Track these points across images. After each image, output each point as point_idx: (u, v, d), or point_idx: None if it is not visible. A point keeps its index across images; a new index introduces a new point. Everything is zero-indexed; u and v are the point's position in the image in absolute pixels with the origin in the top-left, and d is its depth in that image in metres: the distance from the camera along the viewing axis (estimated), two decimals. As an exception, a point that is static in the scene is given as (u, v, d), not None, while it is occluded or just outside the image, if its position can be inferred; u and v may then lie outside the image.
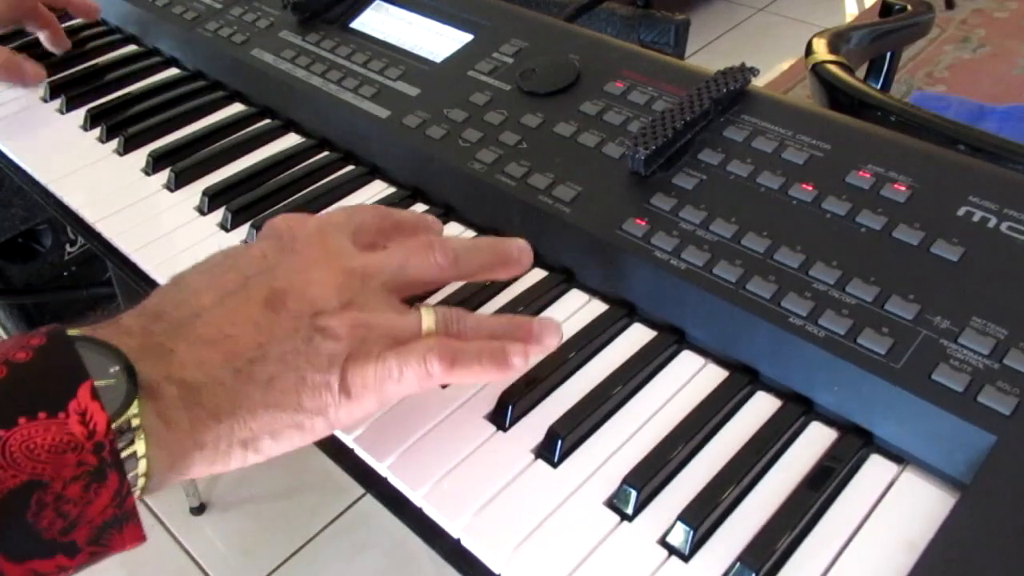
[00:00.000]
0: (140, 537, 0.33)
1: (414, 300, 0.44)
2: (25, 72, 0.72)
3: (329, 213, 0.44)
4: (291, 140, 0.67)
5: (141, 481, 0.33)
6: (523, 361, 0.39)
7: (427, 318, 0.40)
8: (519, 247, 0.45)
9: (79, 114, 0.72)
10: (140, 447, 0.32)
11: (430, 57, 0.65)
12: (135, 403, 0.32)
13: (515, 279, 0.49)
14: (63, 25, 0.83)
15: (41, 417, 0.30)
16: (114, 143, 0.68)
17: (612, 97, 0.57)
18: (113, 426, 0.31)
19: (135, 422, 0.32)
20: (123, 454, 0.31)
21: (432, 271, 0.42)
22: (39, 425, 0.30)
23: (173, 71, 0.78)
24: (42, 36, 0.77)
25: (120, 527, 0.32)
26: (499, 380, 0.40)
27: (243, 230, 0.57)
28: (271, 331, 0.36)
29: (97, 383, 0.31)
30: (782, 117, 0.52)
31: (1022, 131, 1.44)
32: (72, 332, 0.33)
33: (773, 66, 2.15)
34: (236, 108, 0.71)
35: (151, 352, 0.34)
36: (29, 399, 0.30)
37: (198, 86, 0.74)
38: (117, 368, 0.33)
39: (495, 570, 0.37)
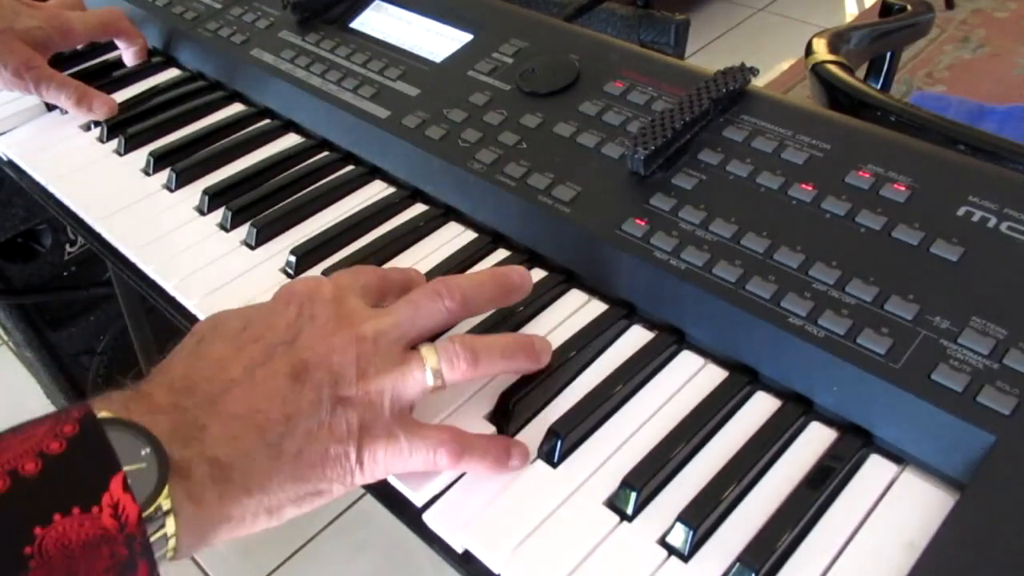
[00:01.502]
0: None
1: None
2: (93, 103, 0.70)
3: (337, 275, 0.44)
4: (291, 140, 0.67)
5: (169, 555, 0.33)
6: (521, 464, 0.41)
7: (430, 359, 0.40)
8: (520, 274, 0.45)
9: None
10: (170, 528, 0.33)
11: (430, 57, 0.65)
12: (165, 489, 0.33)
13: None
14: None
15: (75, 513, 0.30)
16: (114, 143, 0.68)
17: (612, 97, 0.57)
18: (144, 515, 0.31)
19: (165, 506, 0.32)
20: (153, 538, 0.32)
21: (442, 317, 0.42)
22: (73, 521, 0.30)
23: (173, 71, 0.78)
24: (128, 53, 0.76)
25: None
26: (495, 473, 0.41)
27: (243, 230, 0.57)
28: (297, 404, 0.37)
29: (128, 468, 0.32)
30: (782, 117, 0.52)
31: (1022, 131, 1.44)
32: (103, 415, 0.33)
33: (773, 66, 2.15)
34: (236, 108, 0.71)
35: (183, 431, 0.35)
36: (63, 495, 0.30)
37: (198, 86, 0.74)
38: (148, 451, 0.33)
39: (495, 570, 0.37)
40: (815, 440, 0.41)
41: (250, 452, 0.36)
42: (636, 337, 0.47)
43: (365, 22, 0.71)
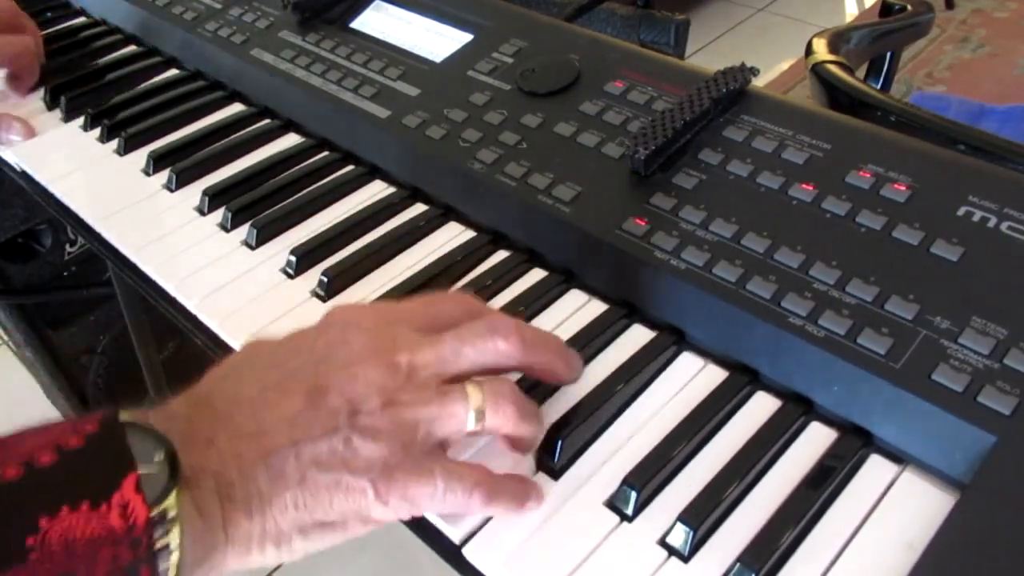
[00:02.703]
0: None
1: None
2: (12, 127, 0.69)
3: (402, 303, 0.42)
4: (291, 140, 0.67)
5: (172, 572, 0.32)
6: (537, 506, 0.39)
7: (475, 398, 0.38)
8: (577, 359, 0.42)
9: (79, 115, 0.72)
10: (174, 539, 0.32)
11: (430, 57, 0.65)
12: (173, 494, 0.32)
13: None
14: (62, 26, 0.83)
15: (83, 508, 0.30)
16: (114, 143, 0.68)
17: (612, 97, 0.57)
18: (152, 514, 0.31)
19: (171, 513, 0.32)
20: (156, 546, 0.31)
21: (491, 357, 0.39)
22: (80, 516, 0.29)
23: (173, 71, 0.78)
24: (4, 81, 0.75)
25: None
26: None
27: (243, 230, 0.57)
28: (307, 429, 0.35)
29: (142, 471, 0.31)
30: (782, 117, 0.52)
31: (1022, 131, 1.44)
32: (124, 417, 0.33)
33: (773, 66, 2.15)
34: (236, 108, 0.71)
35: (193, 441, 0.34)
36: (74, 488, 0.30)
37: (198, 86, 0.74)
38: (161, 456, 0.32)
39: (495, 570, 0.37)
40: (815, 440, 0.41)
41: (251, 472, 0.35)
42: (636, 337, 0.47)
43: (365, 22, 0.71)
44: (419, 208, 0.58)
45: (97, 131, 0.70)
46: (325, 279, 0.52)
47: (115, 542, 0.30)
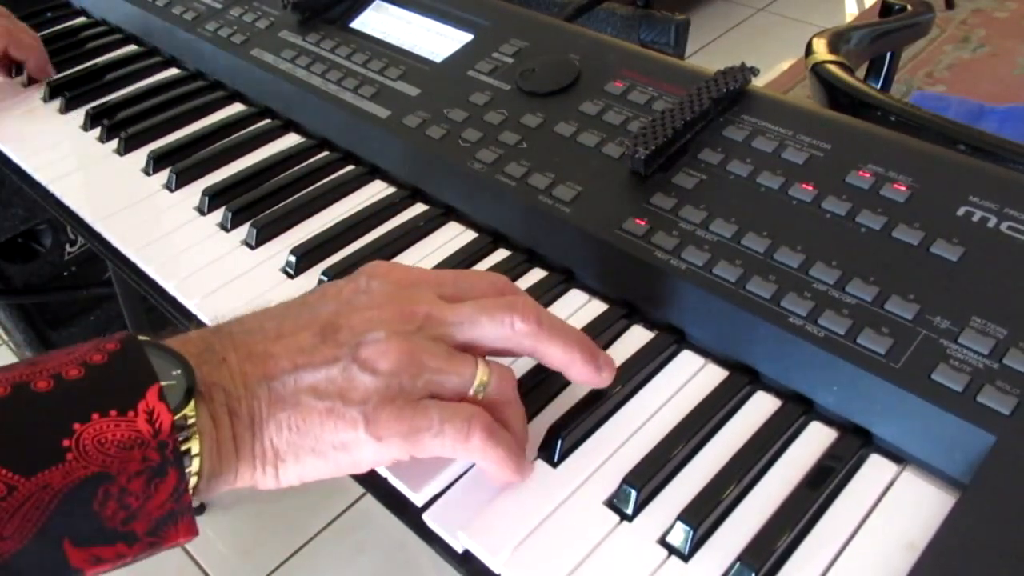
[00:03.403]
0: (194, 531, 0.34)
1: None
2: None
3: (435, 271, 0.43)
4: (291, 140, 0.67)
5: (194, 480, 0.34)
6: (525, 477, 0.39)
7: (482, 371, 0.38)
8: (607, 359, 0.41)
9: (79, 114, 0.72)
10: (195, 445, 0.34)
11: (430, 57, 0.65)
12: (192, 402, 0.34)
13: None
14: (62, 26, 0.83)
15: (112, 414, 0.32)
16: (114, 143, 0.68)
17: (612, 97, 0.57)
18: (175, 419, 0.33)
19: (191, 420, 0.34)
20: (181, 448, 0.33)
21: (505, 334, 0.39)
22: (110, 422, 0.32)
23: (173, 71, 0.78)
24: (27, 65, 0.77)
25: (175, 521, 0.33)
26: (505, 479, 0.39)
27: (243, 230, 0.57)
28: (311, 356, 0.37)
29: (163, 383, 0.33)
30: (782, 117, 0.52)
31: (1022, 131, 1.44)
32: (143, 338, 0.35)
33: (773, 66, 2.15)
34: (236, 108, 0.71)
35: (207, 359, 0.36)
36: (102, 397, 0.32)
37: (198, 86, 0.74)
38: (179, 371, 0.35)
39: (495, 570, 0.37)
40: (815, 440, 0.41)
41: (253, 391, 0.36)
42: (636, 337, 0.47)
43: (365, 22, 0.71)
44: (419, 208, 0.58)
45: (97, 131, 0.70)
46: (325, 279, 0.52)
47: (144, 444, 0.32)
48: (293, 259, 0.54)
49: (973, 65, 2.07)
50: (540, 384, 0.44)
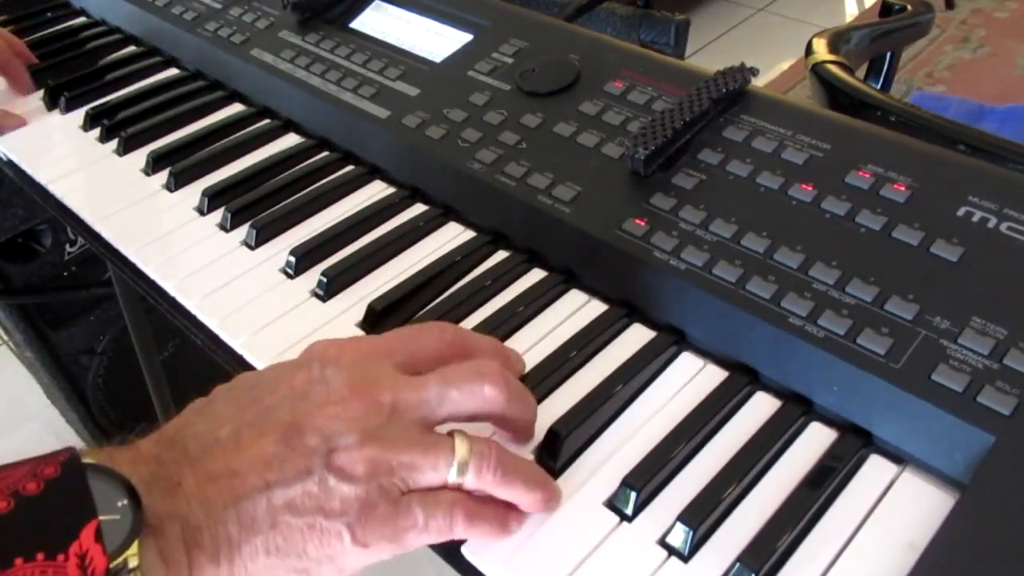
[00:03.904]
0: None
1: None
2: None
3: (383, 336, 0.40)
4: (291, 140, 0.67)
5: None
6: (518, 529, 0.38)
7: (461, 449, 0.36)
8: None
9: (79, 114, 0.72)
10: None
11: (430, 57, 0.65)
12: (135, 543, 0.30)
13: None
14: (62, 26, 0.83)
15: (39, 559, 0.28)
16: (114, 143, 0.68)
17: (612, 97, 0.57)
18: (111, 565, 0.29)
19: (133, 562, 0.30)
20: None
21: (476, 403, 0.38)
22: (35, 568, 0.28)
23: (173, 71, 0.78)
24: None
25: None
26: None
27: (242, 230, 0.57)
28: (281, 470, 0.34)
29: (103, 518, 0.30)
30: (782, 117, 0.52)
31: (1022, 131, 1.44)
32: (88, 460, 0.32)
33: (773, 66, 2.15)
34: (236, 108, 0.71)
35: (160, 485, 0.33)
36: (30, 538, 0.29)
37: (198, 86, 0.74)
38: (125, 502, 0.31)
39: (495, 570, 0.37)
40: (815, 440, 0.41)
41: (220, 517, 0.33)
42: (636, 337, 0.47)
43: (365, 22, 0.71)
44: (419, 208, 0.58)
45: (97, 131, 0.70)
46: (325, 279, 0.52)
47: None
48: (293, 259, 0.54)
49: (973, 65, 2.07)
50: (538, 386, 0.44)
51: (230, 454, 0.34)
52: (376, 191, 0.60)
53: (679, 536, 0.37)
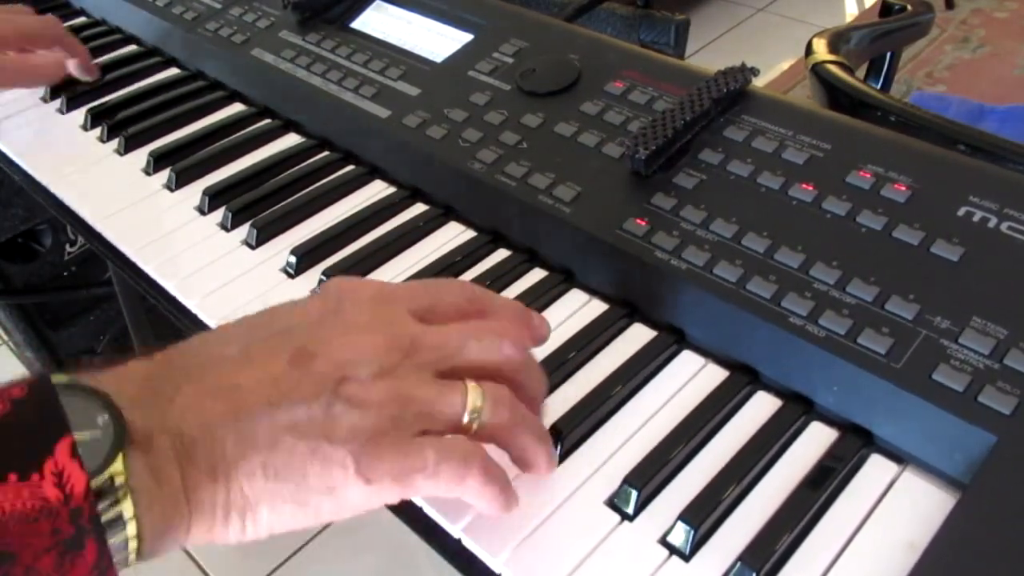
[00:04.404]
0: None
1: None
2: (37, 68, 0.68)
3: (404, 284, 0.39)
4: (291, 140, 0.67)
5: (133, 545, 0.29)
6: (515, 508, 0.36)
7: (474, 395, 0.35)
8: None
9: (79, 114, 0.72)
10: (127, 508, 0.28)
11: (430, 57, 0.65)
12: (119, 458, 0.28)
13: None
14: (66, 24, 0.83)
15: (11, 480, 0.26)
16: (114, 143, 0.68)
17: (612, 97, 0.57)
18: (93, 484, 0.27)
19: (119, 480, 0.28)
20: (106, 517, 0.28)
21: (493, 357, 0.36)
22: (8, 489, 0.26)
23: (173, 71, 0.78)
24: (71, 64, 0.74)
25: None
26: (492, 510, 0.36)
27: (243, 230, 0.57)
28: (287, 390, 0.32)
29: (80, 436, 0.28)
30: (782, 117, 0.52)
31: (1022, 131, 1.44)
32: (59, 379, 0.29)
33: (773, 66, 2.14)
34: (236, 108, 0.71)
35: (149, 399, 0.31)
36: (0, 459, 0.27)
37: (198, 86, 0.74)
38: (106, 417, 0.29)
39: (495, 570, 0.37)
40: (816, 440, 0.41)
41: (216, 430, 0.31)
42: (636, 337, 0.47)
43: (365, 22, 0.71)
44: (419, 208, 0.58)
45: (97, 131, 0.69)
46: (325, 279, 0.52)
47: (51, 514, 0.27)
48: (293, 259, 0.54)
49: (973, 65, 2.07)
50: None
51: (235, 368, 0.33)
52: (376, 191, 0.60)
53: (680, 535, 0.37)
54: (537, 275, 0.51)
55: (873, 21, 0.80)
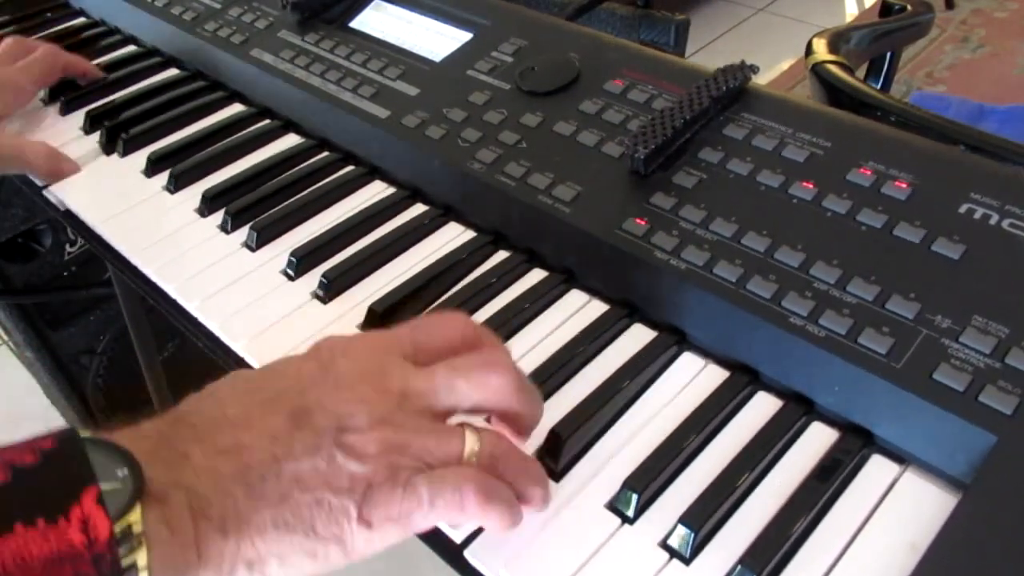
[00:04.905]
0: None
1: None
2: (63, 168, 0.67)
3: (394, 331, 0.40)
4: (291, 140, 0.67)
5: None
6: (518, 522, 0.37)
7: (471, 441, 0.36)
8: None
9: (79, 116, 0.72)
10: (141, 557, 0.30)
11: (429, 56, 0.65)
12: (137, 509, 0.30)
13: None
14: (62, 26, 0.83)
15: (40, 524, 0.28)
16: (114, 145, 0.68)
17: (612, 96, 0.56)
18: (115, 529, 0.29)
19: (136, 528, 0.30)
20: (123, 563, 0.29)
21: (483, 394, 0.37)
22: (36, 533, 0.28)
23: (173, 71, 0.77)
24: (83, 81, 0.75)
25: None
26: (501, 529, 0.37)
27: (243, 232, 0.57)
28: (290, 446, 0.34)
29: (103, 487, 0.29)
30: (782, 115, 0.52)
31: (1022, 131, 1.44)
32: (84, 434, 0.31)
33: (773, 66, 2.14)
34: (236, 108, 0.71)
35: (163, 456, 0.33)
36: (29, 505, 0.28)
37: (198, 86, 0.74)
38: (125, 471, 0.31)
39: (496, 573, 0.37)
40: (816, 440, 0.41)
41: (228, 489, 0.33)
42: (637, 337, 0.47)
43: (365, 21, 0.71)
44: (419, 208, 0.58)
45: (97, 133, 0.69)
46: (325, 280, 0.52)
47: (76, 558, 0.28)
48: (293, 261, 0.54)
49: (973, 65, 2.07)
50: (539, 387, 0.44)
51: (239, 429, 0.34)
52: (376, 191, 0.60)
53: (680, 538, 0.37)
54: (537, 275, 0.51)
55: (873, 21, 0.80)
